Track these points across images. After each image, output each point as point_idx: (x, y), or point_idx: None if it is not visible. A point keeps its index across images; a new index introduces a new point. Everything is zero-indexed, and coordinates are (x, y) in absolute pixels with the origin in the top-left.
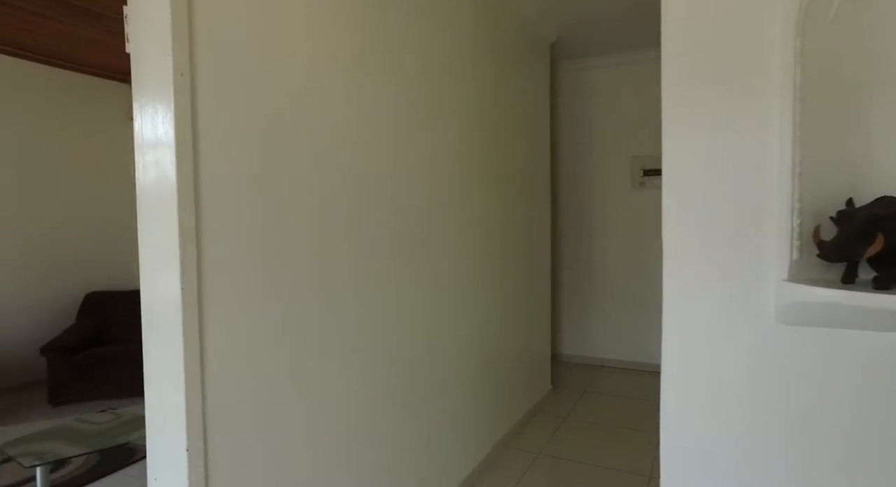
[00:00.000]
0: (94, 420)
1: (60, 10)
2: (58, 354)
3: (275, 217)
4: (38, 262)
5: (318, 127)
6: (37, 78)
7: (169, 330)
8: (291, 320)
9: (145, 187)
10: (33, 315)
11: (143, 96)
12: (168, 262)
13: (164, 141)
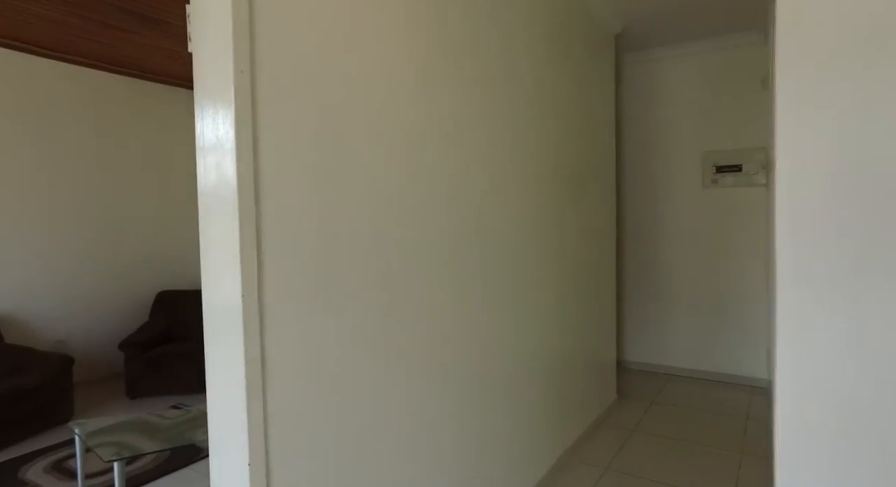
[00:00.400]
0: (166, 415)
1: (133, 22)
2: (133, 350)
3: (335, 219)
4: (115, 262)
5: (378, 126)
6: (113, 87)
7: (229, 335)
8: (353, 324)
9: (206, 190)
10: (112, 312)
11: (204, 96)
12: (229, 266)
13: (224, 141)
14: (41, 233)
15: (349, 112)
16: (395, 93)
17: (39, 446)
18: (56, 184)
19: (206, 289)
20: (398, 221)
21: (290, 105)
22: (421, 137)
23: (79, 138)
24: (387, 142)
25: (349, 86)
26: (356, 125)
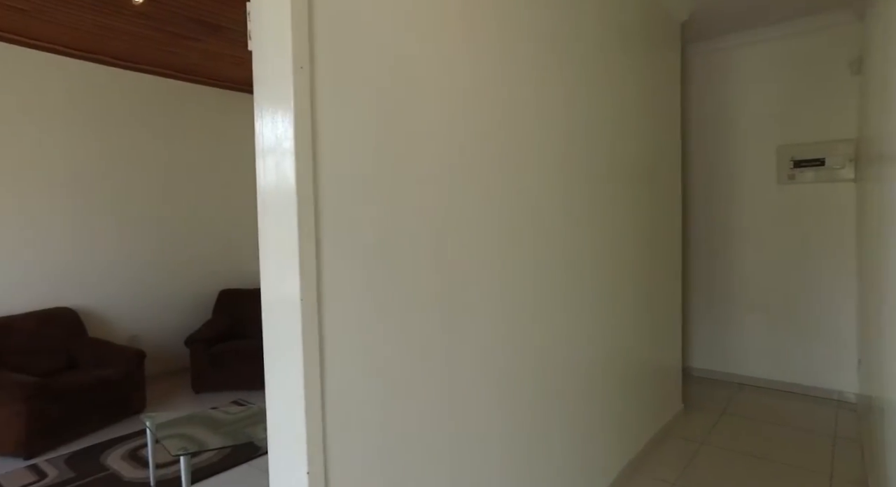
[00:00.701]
0: (228, 410)
1: (199, 30)
2: (197, 346)
3: (393, 219)
4: (181, 262)
5: (436, 122)
6: (180, 93)
7: (288, 335)
8: (407, 326)
9: (265, 190)
10: (179, 309)
11: (263, 94)
12: (287, 266)
13: (283, 139)
14: (117, 234)
15: (407, 108)
16: (453, 85)
17: (117, 434)
18: (129, 188)
19: (265, 289)
20: (453, 221)
21: (348, 102)
22: (478, 134)
23: (148, 143)
24: (444, 140)
25: (412, 82)
26: (414, 122)
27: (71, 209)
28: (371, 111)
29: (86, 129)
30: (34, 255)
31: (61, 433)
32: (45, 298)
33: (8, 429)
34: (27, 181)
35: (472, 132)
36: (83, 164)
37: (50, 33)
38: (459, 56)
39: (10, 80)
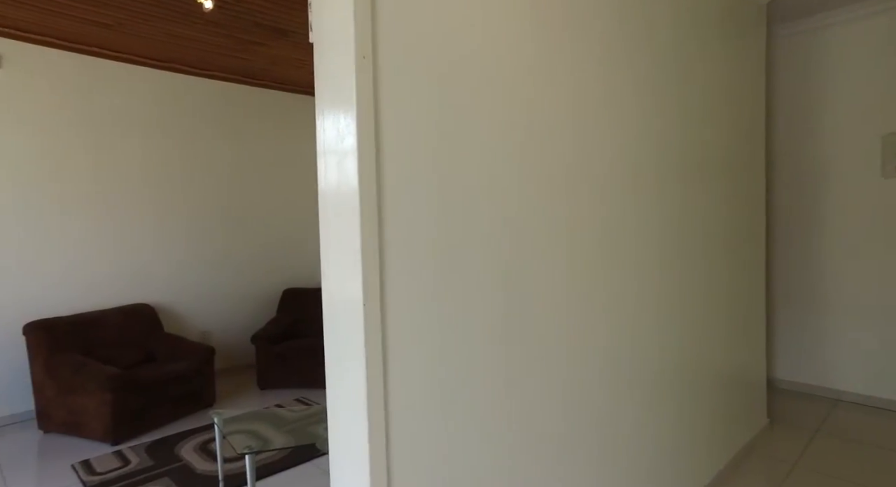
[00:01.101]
0: (292, 408)
1: (264, 34)
2: (262, 343)
3: (458, 217)
4: (248, 260)
5: (502, 114)
6: (245, 97)
7: (350, 341)
8: (477, 332)
9: (327, 188)
10: (245, 306)
11: (324, 88)
12: (349, 267)
13: (345, 134)
14: (190, 235)
15: (471, 100)
16: (519, 76)
17: (190, 426)
18: (200, 191)
19: (326, 291)
20: (521, 221)
21: (412, 95)
22: (545, 127)
23: (217, 147)
24: (511, 133)
25: (471, 70)
26: (480, 116)
27: (150, 212)
28: (434, 104)
29: (160, 135)
30: (119, 255)
31: (141, 422)
32: (128, 295)
33: (98, 416)
34: (112, 186)
35: (538, 127)
36: (159, 169)
37: (129, 45)
38: (525, 46)
39: (93, 90)
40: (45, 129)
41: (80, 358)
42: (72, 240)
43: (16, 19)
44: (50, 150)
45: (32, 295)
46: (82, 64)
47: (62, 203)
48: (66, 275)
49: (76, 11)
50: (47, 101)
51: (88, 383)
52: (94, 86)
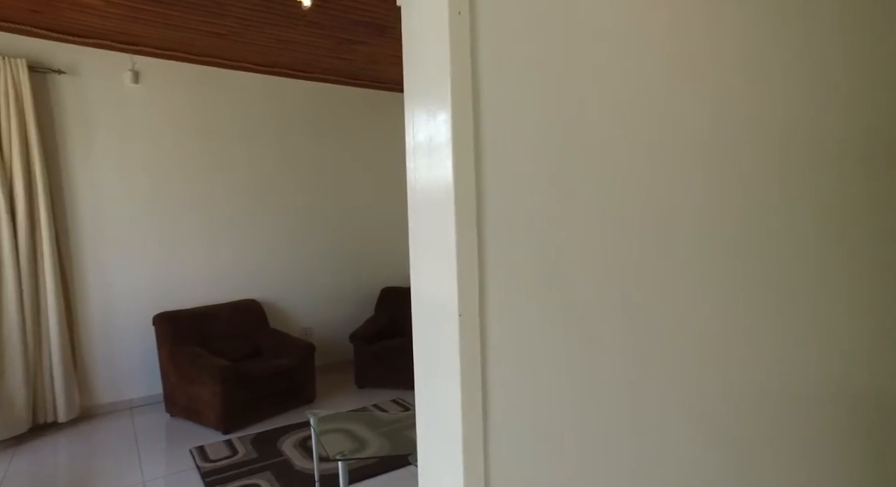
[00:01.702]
0: (388, 409)
1: (363, 32)
2: (360, 342)
3: (575, 221)
4: (348, 259)
5: (623, 95)
6: (345, 97)
7: (443, 354)
8: (594, 349)
9: (417, 185)
10: (345, 304)
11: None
12: (442, 277)
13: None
14: (296, 234)
15: (594, 79)
16: (646, 48)
17: (292, 421)
18: (305, 191)
19: (416, 294)
20: (645, 223)
21: (518, 65)
22: (673, 109)
23: (321, 147)
24: (631, 119)
25: (599, 46)
26: (598, 93)
27: (259, 212)
28: (543, 78)
29: (268, 139)
30: (231, 254)
31: (248, 414)
32: (238, 291)
33: (211, 405)
34: (225, 189)
35: (665, 105)
36: (267, 172)
37: (240, 52)
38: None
39: (208, 97)
40: (172, 137)
41: (197, 350)
42: (192, 240)
43: (150, 37)
44: (176, 157)
45: (161, 290)
46: (200, 74)
47: (185, 206)
48: (188, 272)
49: (196, 24)
50: (173, 110)
51: (203, 374)
52: (210, 93)
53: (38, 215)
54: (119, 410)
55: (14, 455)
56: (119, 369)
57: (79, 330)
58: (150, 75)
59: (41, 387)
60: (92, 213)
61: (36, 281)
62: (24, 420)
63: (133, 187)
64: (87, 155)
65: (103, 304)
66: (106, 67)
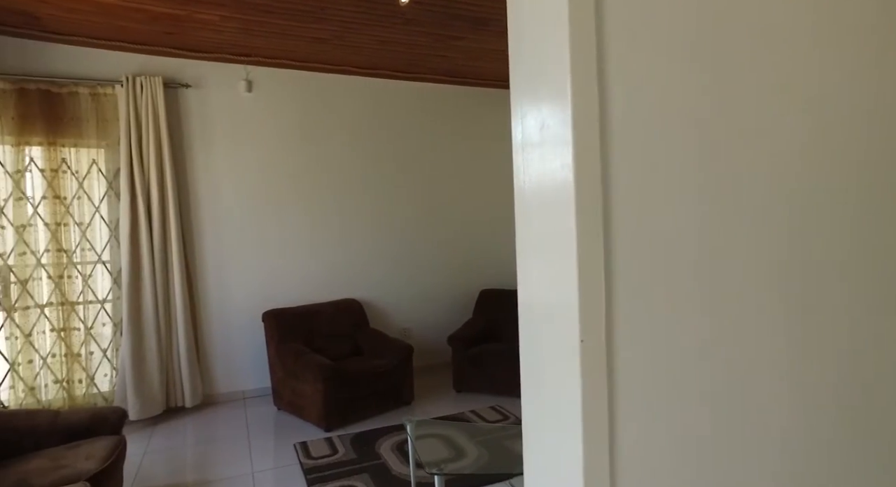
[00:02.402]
0: (487, 416)
1: (463, 27)
2: (458, 344)
3: (723, 223)
4: (447, 260)
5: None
6: (443, 96)
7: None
8: (751, 374)
9: (527, 187)
10: (443, 306)
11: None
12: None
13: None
14: (395, 234)
15: (745, 42)
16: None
17: (390, 423)
18: (404, 192)
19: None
20: (806, 230)
21: (652, 37)
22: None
23: (419, 149)
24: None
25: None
26: (754, 64)
27: (362, 213)
28: (690, 48)
29: (369, 142)
30: (333, 254)
31: (348, 413)
32: (339, 290)
33: (313, 402)
34: (330, 192)
35: (818, 83)
36: (368, 174)
37: (342, 56)
38: None
39: (313, 103)
40: (280, 142)
41: (301, 347)
42: (299, 240)
43: (260, 47)
44: (284, 161)
45: (270, 288)
46: (305, 80)
47: (292, 207)
48: (294, 271)
49: (300, 31)
50: (282, 116)
51: (306, 371)
52: (315, 98)
53: (169, 218)
54: (234, 400)
55: (152, 434)
56: (234, 362)
57: (200, 325)
58: (262, 84)
59: (172, 375)
60: (211, 216)
61: (167, 279)
62: (160, 403)
63: (246, 191)
64: (208, 161)
65: (221, 301)
66: (224, 79)
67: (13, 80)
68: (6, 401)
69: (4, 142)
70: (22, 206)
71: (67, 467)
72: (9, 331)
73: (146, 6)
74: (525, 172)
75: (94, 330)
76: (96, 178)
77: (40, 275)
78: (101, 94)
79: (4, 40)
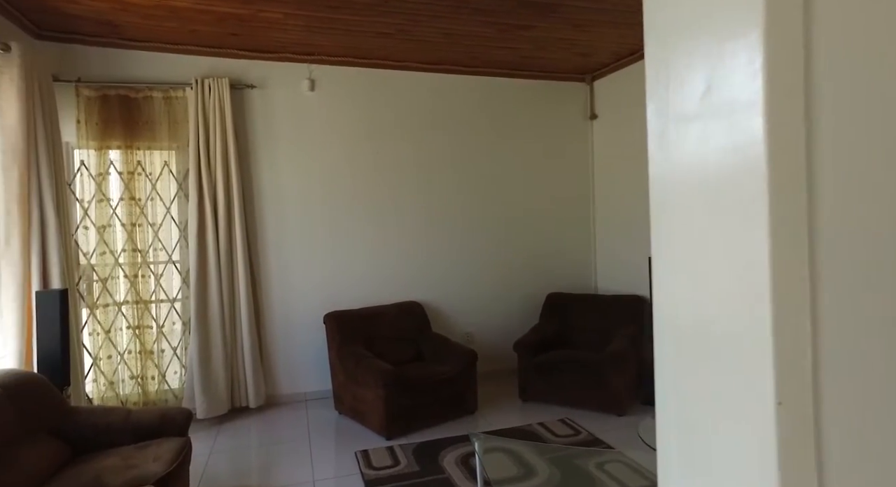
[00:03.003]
0: (556, 431)
1: (530, 15)
2: (525, 351)
3: None
4: (512, 262)
5: None
6: (509, 91)
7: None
8: None
9: (676, 168)
10: (508, 309)
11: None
12: (736, 318)
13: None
14: (459, 235)
15: None
16: None
17: (453, 432)
18: (468, 192)
19: (669, 331)
20: None
21: None
22: None
23: (483, 147)
24: None
25: None
26: None
27: (425, 213)
28: None
29: (432, 140)
30: (395, 255)
31: (410, 421)
32: (402, 292)
33: (374, 409)
34: (391, 191)
35: None
36: (431, 172)
37: (406, 51)
38: None
39: (376, 99)
40: (343, 141)
41: (362, 351)
42: (360, 240)
43: (324, 45)
44: (346, 160)
45: (332, 289)
46: (368, 76)
47: (354, 207)
48: (356, 272)
49: (365, 25)
50: (344, 115)
51: (368, 376)
52: (378, 95)
53: (234, 219)
54: (296, 402)
55: (218, 433)
56: (296, 363)
57: (264, 325)
58: (324, 82)
59: (236, 374)
60: (275, 216)
61: (232, 279)
62: (225, 402)
63: (308, 191)
64: (271, 161)
65: (283, 302)
66: (287, 79)
67: (97, 87)
68: (90, 393)
69: (89, 147)
70: (104, 208)
71: (137, 467)
72: (91, 327)
73: (213, 7)
74: (673, 155)
75: (165, 328)
76: (168, 180)
77: (118, 274)
78: (172, 98)
79: (89, 50)
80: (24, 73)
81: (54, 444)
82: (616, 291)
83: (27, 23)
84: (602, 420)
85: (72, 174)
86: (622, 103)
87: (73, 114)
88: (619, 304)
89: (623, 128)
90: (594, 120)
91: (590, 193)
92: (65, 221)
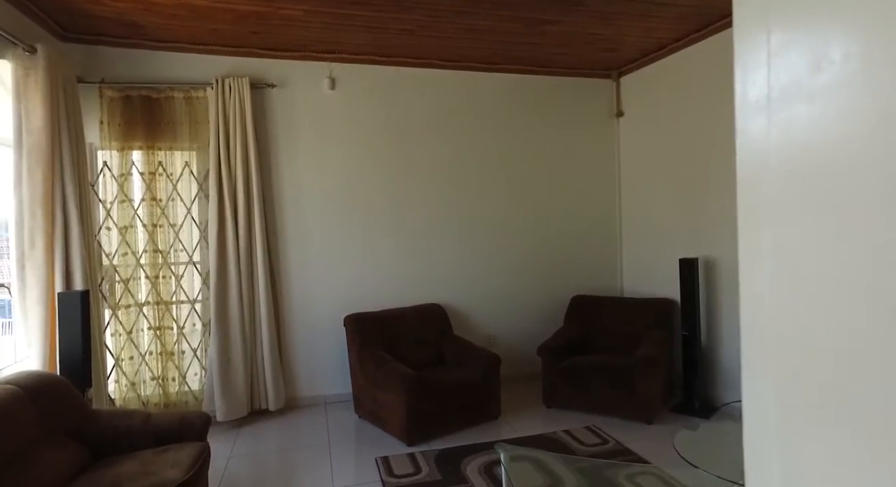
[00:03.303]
0: (583, 439)
1: (553, 9)
2: (549, 356)
3: None
4: (536, 264)
5: None
6: (533, 89)
7: None
8: None
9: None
10: (531, 313)
11: None
12: None
13: None
14: (481, 236)
15: None
16: None
17: (476, 439)
18: (492, 193)
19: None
20: None
21: None
22: None
23: (506, 147)
24: None
25: None
26: None
27: (445, 213)
28: None
29: (454, 140)
30: (416, 257)
31: (431, 427)
32: (422, 294)
33: (395, 414)
34: (412, 191)
35: None
36: (452, 172)
37: (427, 48)
38: None
39: (396, 97)
40: (364, 140)
41: (383, 355)
42: (381, 242)
43: (345, 43)
44: (368, 160)
45: (352, 291)
46: (387, 76)
47: (375, 208)
48: (377, 274)
49: (386, 22)
50: (365, 114)
51: (388, 380)
52: (399, 94)
53: (254, 220)
54: (315, 405)
55: (238, 437)
56: (316, 366)
57: (283, 327)
58: (345, 81)
59: (256, 377)
60: (295, 217)
61: (252, 280)
62: (245, 405)
63: (329, 191)
64: (292, 161)
65: (303, 304)
66: (307, 77)
67: (119, 88)
68: (112, 393)
69: (112, 148)
70: (125, 208)
71: (155, 474)
72: (114, 328)
73: (233, 5)
74: (780, 139)
75: (185, 329)
76: (188, 180)
77: (139, 275)
78: (193, 98)
79: (114, 51)
80: (49, 75)
81: (74, 447)
82: (642, 293)
83: (53, 25)
84: (630, 428)
85: (95, 175)
86: (650, 100)
87: (96, 115)
88: (649, 307)
89: (651, 126)
90: (621, 117)
91: (616, 192)
92: (88, 222)
